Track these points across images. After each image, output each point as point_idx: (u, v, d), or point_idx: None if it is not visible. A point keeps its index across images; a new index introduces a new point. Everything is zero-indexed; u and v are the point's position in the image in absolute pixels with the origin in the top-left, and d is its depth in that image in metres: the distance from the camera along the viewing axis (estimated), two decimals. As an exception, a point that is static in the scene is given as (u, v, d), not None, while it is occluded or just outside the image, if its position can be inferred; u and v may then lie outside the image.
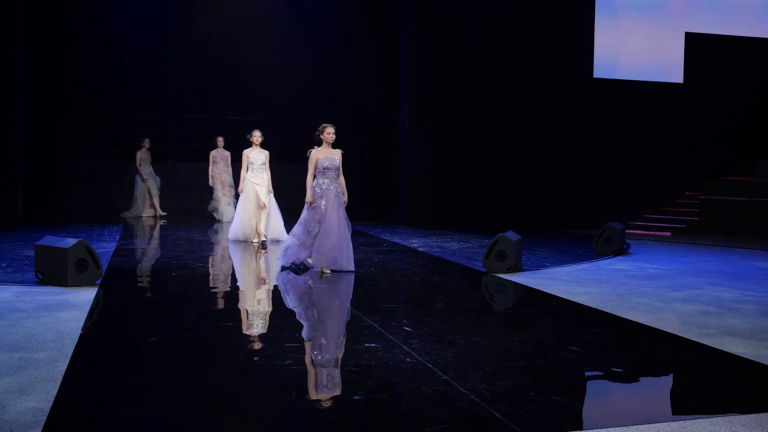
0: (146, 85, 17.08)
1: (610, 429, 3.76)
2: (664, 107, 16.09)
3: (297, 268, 8.74)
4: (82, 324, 5.80)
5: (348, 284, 8.08)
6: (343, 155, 8.71)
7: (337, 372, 4.81)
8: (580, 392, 4.56)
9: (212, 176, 14.57)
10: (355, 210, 16.90)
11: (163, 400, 4.15)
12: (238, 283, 8.62)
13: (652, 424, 3.82)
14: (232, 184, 14.47)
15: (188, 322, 6.25)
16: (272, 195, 11.37)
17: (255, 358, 5.15)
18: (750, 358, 5.17)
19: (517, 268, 8.99)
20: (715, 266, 10.01)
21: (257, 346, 5.53)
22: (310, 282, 8.16)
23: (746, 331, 5.99)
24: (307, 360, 5.00)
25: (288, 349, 5.24)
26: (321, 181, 8.56)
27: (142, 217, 15.41)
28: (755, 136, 16.48)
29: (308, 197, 8.60)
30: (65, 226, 13.32)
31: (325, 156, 8.55)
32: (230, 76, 17.34)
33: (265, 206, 11.21)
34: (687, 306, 7.07)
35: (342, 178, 8.72)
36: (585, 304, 7.13)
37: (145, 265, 9.45)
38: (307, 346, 5.46)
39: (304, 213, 8.72)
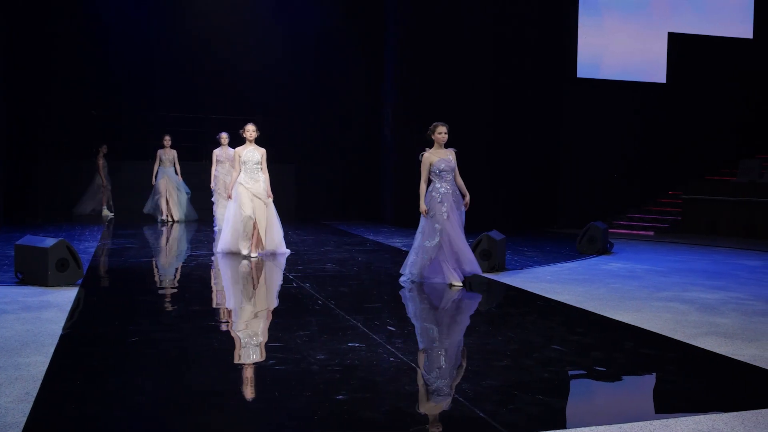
0: (129, 83, 16.94)
1: (594, 428, 3.76)
2: (646, 107, 16.18)
3: (418, 282, 8.02)
4: (62, 324, 5.74)
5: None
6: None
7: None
8: (564, 391, 4.57)
9: (214, 176, 13.16)
10: (339, 209, 17.04)
11: (145, 401, 4.11)
12: (222, 284, 8.57)
13: (635, 423, 3.83)
14: None
15: (171, 322, 6.22)
16: (271, 200, 9.99)
17: (238, 358, 5.12)
18: (733, 357, 5.19)
19: (501, 268, 9.00)
20: (699, 265, 10.06)
21: (240, 346, 5.50)
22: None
23: (729, 330, 6.01)
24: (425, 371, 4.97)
25: (271, 348, 5.21)
26: (438, 186, 7.87)
27: (167, 221, 14.66)
28: (737, 135, 16.60)
29: (422, 206, 7.84)
30: (46, 225, 13.22)
31: (440, 158, 7.84)
32: (215, 75, 17.24)
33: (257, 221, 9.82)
34: (670, 305, 7.09)
35: (460, 179, 8.00)
36: (568, 303, 7.14)
37: (127, 265, 9.38)
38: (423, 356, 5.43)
39: (422, 222, 7.96)
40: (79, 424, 3.75)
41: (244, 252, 9.90)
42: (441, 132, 7.89)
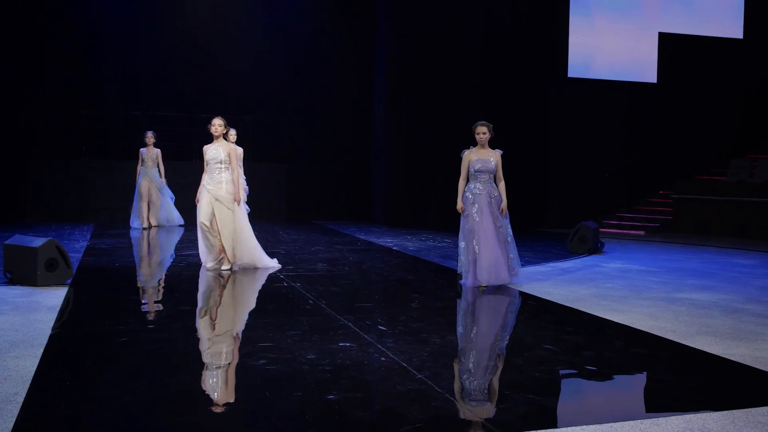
0: (118, 82, 16.87)
1: (585, 427, 3.76)
2: (637, 107, 16.22)
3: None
4: (52, 324, 5.71)
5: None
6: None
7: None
8: (555, 390, 4.56)
9: None
10: (330, 208, 17.01)
11: (134, 401, 4.08)
12: (211, 283, 8.52)
13: (626, 422, 3.83)
14: (246, 188, 11.48)
15: (160, 321, 6.19)
16: (243, 206, 8.83)
17: (228, 358, 5.09)
18: (724, 356, 5.20)
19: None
20: (690, 265, 10.09)
21: (230, 346, 5.48)
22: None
23: (720, 330, 6.03)
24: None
25: (261, 348, 5.19)
26: (473, 186, 7.80)
27: (146, 227, 13.48)
28: (728, 135, 16.66)
29: (459, 203, 7.85)
30: (35, 225, 13.14)
31: (478, 157, 7.77)
32: (205, 73, 17.18)
33: (218, 229, 8.49)
34: (661, 304, 7.11)
35: (502, 183, 7.86)
36: (559, 302, 7.14)
37: (117, 264, 9.33)
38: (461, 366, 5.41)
39: (461, 223, 7.92)
40: (69, 425, 3.72)
41: (209, 265, 8.63)
42: (479, 132, 7.82)
